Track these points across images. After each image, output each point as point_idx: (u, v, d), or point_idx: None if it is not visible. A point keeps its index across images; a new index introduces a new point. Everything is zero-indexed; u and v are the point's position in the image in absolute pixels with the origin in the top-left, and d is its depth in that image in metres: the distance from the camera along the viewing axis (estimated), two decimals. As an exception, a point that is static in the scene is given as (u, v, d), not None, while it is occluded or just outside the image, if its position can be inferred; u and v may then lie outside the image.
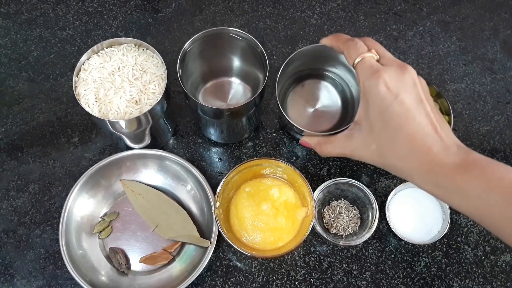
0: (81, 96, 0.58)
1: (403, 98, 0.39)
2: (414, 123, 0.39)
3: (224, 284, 0.62)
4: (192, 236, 0.62)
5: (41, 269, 0.62)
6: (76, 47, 0.75)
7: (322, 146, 0.50)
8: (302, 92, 0.68)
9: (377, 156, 0.43)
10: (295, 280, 0.62)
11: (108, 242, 0.63)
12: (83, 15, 0.78)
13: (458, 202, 0.39)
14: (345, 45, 0.45)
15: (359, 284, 0.62)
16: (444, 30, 0.78)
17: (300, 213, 0.60)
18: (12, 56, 0.75)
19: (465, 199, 0.38)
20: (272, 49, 0.75)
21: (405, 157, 0.40)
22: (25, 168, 0.68)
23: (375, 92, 0.40)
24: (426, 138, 0.39)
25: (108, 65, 0.59)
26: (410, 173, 0.41)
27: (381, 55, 0.43)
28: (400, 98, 0.39)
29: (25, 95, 0.72)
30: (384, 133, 0.41)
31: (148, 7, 0.79)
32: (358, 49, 0.43)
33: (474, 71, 0.75)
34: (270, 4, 0.79)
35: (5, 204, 0.66)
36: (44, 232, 0.64)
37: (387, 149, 0.41)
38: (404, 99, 0.39)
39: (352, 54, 0.43)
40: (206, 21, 0.78)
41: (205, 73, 0.68)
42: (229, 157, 0.69)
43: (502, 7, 0.80)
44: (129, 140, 0.64)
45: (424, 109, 0.40)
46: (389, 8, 0.79)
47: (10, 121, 0.70)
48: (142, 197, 0.64)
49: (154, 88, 0.59)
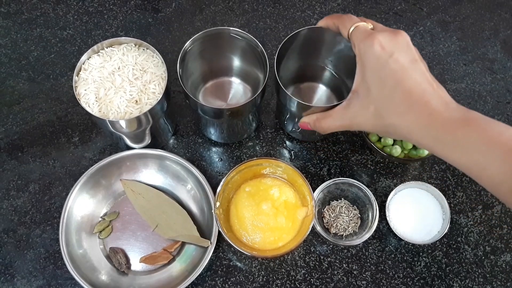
0: (81, 96, 0.58)
1: (397, 56, 0.40)
2: (411, 80, 0.40)
3: (224, 284, 0.62)
4: (192, 236, 0.62)
5: (41, 269, 0.62)
6: (76, 47, 0.75)
7: (321, 122, 0.50)
8: (298, 94, 0.68)
9: (375, 118, 0.44)
10: (295, 280, 0.62)
11: (108, 242, 0.63)
12: (84, 15, 0.78)
13: (457, 157, 0.39)
14: (339, 19, 0.47)
15: (359, 284, 0.62)
16: (444, 30, 0.78)
17: (300, 213, 0.60)
18: (13, 56, 0.75)
19: (465, 153, 0.39)
20: (272, 49, 0.75)
21: (404, 112, 0.41)
22: (26, 167, 0.68)
23: (370, 52, 0.41)
24: (424, 93, 0.40)
25: (108, 64, 0.59)
26: (409, 129, 0.41)
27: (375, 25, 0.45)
28: (395, 56, 0.40)
29: (26, 94, 0.72)
30: (382, 92, 0.42)
31: (149, 7, 0.79)
32: (352, 19, 0.45)
33: (474, 71, 0.75)
34: (270, 4, 0.79)
35: (5, 203, 0.66)
36: (44, 232, 0.64)
37: (386, 108, 0.42)
38: (399, 58, 0.40)
39: (346, 24, 0.45)
40: (206, 21, 0.78)
41: (205, 73, 0.68)
42: (229, 157, 0.69)
43: (502, 7, 0.80)
44: (129, 140, 0.64)
45: (419, 67, 0.41)
46: (389, 8, 0.79)
47: (10, 121, 0.70)
48: (142, 197, 0.64)
49: (154, 87, 0.59)
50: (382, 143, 0.63)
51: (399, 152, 0.62)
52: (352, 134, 0.70)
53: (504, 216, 0.66)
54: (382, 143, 0.63)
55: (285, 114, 0.64)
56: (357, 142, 0.70)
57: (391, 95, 0.41)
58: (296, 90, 0.69)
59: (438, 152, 0.41)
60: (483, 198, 0.67)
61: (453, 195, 0.67)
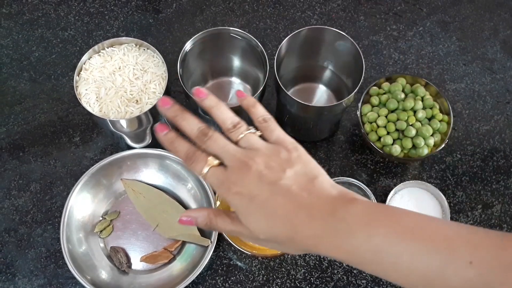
0: (82, 96, 0.58)
1: (254, 196, 0.36)
2: (277, 208, 0.36)
3: (224, 283, 0.62)
4: (192, 235, 0.62)
5: (42, 268, 0.63)
6: (77, 47, 0.76)
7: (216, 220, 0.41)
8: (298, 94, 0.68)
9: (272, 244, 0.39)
10: (295, 279, 0.62)
11: (109, 241, 0.64)
12: (85, 16, 0.78)
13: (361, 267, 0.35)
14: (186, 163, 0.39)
15: (359, 283, 0.62)
16: (444, 30, 0.78)
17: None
18: (14, 57, 0.75)
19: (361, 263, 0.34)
20: (273, 49, 0.76)
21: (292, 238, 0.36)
22: (27, 167, 0.68)
23: (231, 204, 0.37)
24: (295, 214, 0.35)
25: (109, 64, 0.60)
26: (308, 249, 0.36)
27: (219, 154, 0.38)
28: (252, 197, 0.36)
29: (27, 95, 0.72)
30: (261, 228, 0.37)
31: (149, 7, 0.79)
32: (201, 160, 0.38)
33: (474, 71, 0.75)
34: (271, 4, 0.79)
35: (6, 203, 0.66)
36: (46, 231, 0.64)
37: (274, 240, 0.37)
38: (256, 196, 0.36)
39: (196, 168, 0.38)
40: (207, 21, 0.78)
41: (206, 73, 0.68)
42: (230, 157, 0.69)
43: (502, 7, 0.80)
44: (130, 139, 0.64)
45: (278, 189, 0.36)
46: (389, 9, 0.80)
47: (12, 121, 0.71)
48: (143, 196, 0.65)
49: (154, 87, 0.59)
50: (382, 143, 0.63)
51: (398, 152, 0.62)
52: (352, 134, 0.70)
53: (504, 215, 0.66)
54: (382, 142, 0.63)
55: (285, 114, 0.65)
56: (357, 141, 0.70)
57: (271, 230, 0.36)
58: (296, 90, 0.70)
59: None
60: (483, 198, 0.67)
61: (453, 195, 0.67)
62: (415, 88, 0.64)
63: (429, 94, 0.65)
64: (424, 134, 0.61)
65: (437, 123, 0.62)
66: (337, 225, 0.34)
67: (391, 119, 0.63)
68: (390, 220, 0.33)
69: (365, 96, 0.65)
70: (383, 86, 0.65)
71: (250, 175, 0.36)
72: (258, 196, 0.36)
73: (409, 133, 0.61)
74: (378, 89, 0.65)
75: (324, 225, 0.34)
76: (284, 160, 0.37)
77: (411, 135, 0.61)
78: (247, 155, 0.37)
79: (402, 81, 0.65)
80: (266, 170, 0.36)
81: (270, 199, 0.36)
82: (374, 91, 0.65)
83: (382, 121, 0.63)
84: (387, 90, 0.65)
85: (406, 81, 0.66)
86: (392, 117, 0.63)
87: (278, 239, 0.37)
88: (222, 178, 0.37)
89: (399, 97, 0.63)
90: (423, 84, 0.65)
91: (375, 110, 0.64)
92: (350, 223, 0.34)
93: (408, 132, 0.61)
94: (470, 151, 0.70)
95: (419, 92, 0.64)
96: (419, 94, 0.64)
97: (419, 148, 0.62)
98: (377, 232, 0.33)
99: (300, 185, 0.36)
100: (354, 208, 0.34)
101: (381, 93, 0.65)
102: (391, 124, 0.62)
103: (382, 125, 0.63)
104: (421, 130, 0.61)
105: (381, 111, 0.63)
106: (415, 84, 0.65)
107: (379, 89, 0.65)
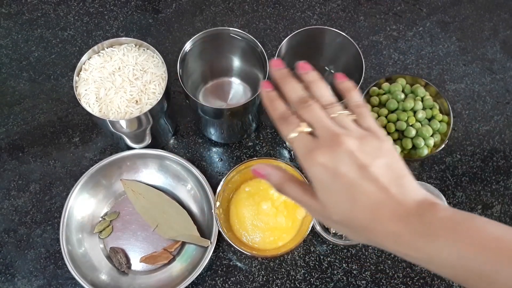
0: (82, 96, 0.58)
1: (342, 171, 0.35)
2: (362, 195, 0.35)
3: (224, 284, 0.62)
4: (192, 236, 0.62)
5: (41, 269, 0.63)
6: (77, 48, 0.76)
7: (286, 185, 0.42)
8: None
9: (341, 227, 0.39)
10: (295, 280, 0.62)
11: (108, 242, 0.63)
12: (84, 16, 0.78)
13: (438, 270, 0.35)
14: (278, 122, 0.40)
15: (359, 283, 0.62)
16: (444, 30, 0.78)
17: (300, 212, 0.60)
18: (13, 57, 0.75)
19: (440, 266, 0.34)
20: (272, 49, 0.75)
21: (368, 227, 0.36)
22: (26, 168, 0.68)
23: (312, 173, 0.37)
24: (378, 207, 0.35)
25: (109, 65, 0.60)
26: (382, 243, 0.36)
27: (313, 123, 0.38)
28: (339, 172, 0.36)
29: (26, 95, 0.72)
30: (338, 208, 0.37)
31: (149, 7, 0.79)
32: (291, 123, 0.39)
33: (473, 71, 0.75)
34: (270, 4, 0.79)
35: (6, 203, 0.66)
36: (45, 232, 0.64)
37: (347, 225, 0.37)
38: (344, 172, 0.35)
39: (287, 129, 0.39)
40: (207, 21, 0.78)
41: (206, 73, 0.68)
42: (229, 157, 0.69)
43: (502, 7, 0.80)
44: (129, 140, 0.64)
45: (368, 175, 0.36)
46: (389, 9, 0.80)
47: (11, 121, 0.70)
48: (143, 197, 0.64)
49: (154, 88, 0.59)
50: (382, 143, 0.63)
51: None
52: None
53: (504, 216, 0.66)
54: (382, 143, 0.63)
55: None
56: (357, 142, 0.70)
57: (349, 213, 0.36)
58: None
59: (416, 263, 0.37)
60: (483, 198, 0.67)
61: (453, 195, 0.67)
62: (415, 88, 0.64)
63: (429, 94, 0.65)
64: (424, 135, 0.61)
65: (437, 124, 0.62)
66: (422, 227, 0.34)
67: (391, 119, 0.63)
68: (475, 228, 0.33)
69: (365, 96, 0.65)
70: (383, 87, 0.65)
71: (341, 151, 0.36)
72: (345, 175, 0.36)
73: (409, 134, 0.61)
74: (378, 89, 0.65)
75: (409, 226, 0.34)
76: (375, 148, 0.37)
77: (411, 135, 0.61)
78: (341, 131, 0.37)
79: (402, 81, 0.65)
80: (358, 152, 0.36)
81: (358, 182, 0.35)
82: (374, 91, 0.65)
83: (382, 122, 0.63)
84: (387, 91, 0.65)
85: (406, 81, 0.66)
86: (392, 118, 0.63)
87: (352, 224, 0.37)
88: (310, 145, 0.37)
89: (399, 97, 0.63)
90: (423, 85, 0.65)
91: (375, 110, 0.64)
92: (435, 227, 0.34)
93: (408, 133, 0.61)
94: (470, 151, 0.70)
95: (419, 93, 0.64)
96: (419, 94, 0.64)
97: (419, 149, 0.62)
98: (461, 239, 0.33)
99: (389, 178, 0.36)
100: (441, 213, 0.34)
101: (381, 93, 0.65)
102: (391, 124, 0.62)
103: (382, 126, 0.63)
104: (421, 131, 0.61)
105: (381, 111, 0.63)
106: (415, 84, 0.65)
107: (379, 89, 0.65)
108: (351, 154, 0.36)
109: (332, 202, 0.37)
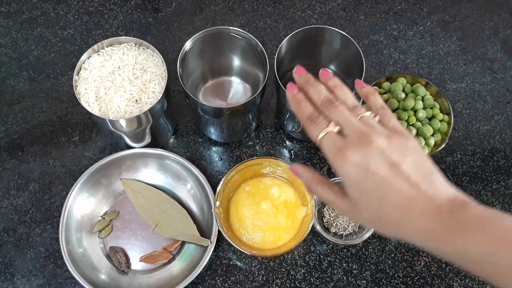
0: (82, 95, 0.58)
1: (373, 169, 0.36)
2: (394, 193, 0.36)
3: (224, 283, 0.62)
4: (192, 235, 0.62)
5: (41, 268, 0.62)
6: (76, 46, 0.75)
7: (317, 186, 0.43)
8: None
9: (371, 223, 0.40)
10: (295, 279, 0.62)
11: (108, 241, 0.63)
12: (84, 15, 0.78)
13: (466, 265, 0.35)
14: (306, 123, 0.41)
15: (359, 283, 0.62)
16: (444, 30, 0.78)
17: (300, 212, 0.60)
18: (13, 55, 0.75)
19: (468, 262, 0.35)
20: (273, 48, 0.75)
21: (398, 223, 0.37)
22: (26, 167, 0.68)
23: (343, 172, 0.38)
24: (410, 204, 0.36)
25: (109, 64, 0.59)
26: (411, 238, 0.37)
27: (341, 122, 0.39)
28: (371, 169, 0.36)
29: (26, 94, 0.72)
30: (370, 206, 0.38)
31: (149, 6, 0.79)
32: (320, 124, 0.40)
33: (474, 70, 0.75)
34: (271, 3, 0.79)
35: (5, 203, 0.66)
36: (44, 231, 0.64)
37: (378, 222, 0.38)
38: (375, 170, 0.36)
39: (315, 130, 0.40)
40: (207, 20, 0.78)
41: (205, 72, 0.68)
42: (229, 156, 0.69)
43: (502, 7, 0.80)
44: (129, 139, 0.64)
45: (399, 172, 0.36)
46: (389, 8, 0.79)
47: (10, 120, 0.70)
48: (142, 196, 0.64)
49: (154, 87, 0.59)
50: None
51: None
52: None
53: (504, 215, 0.65)
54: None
55: (285, 114, 0.64)
56: (357, 141, 0.70)
57: (380, 211, 0.37)
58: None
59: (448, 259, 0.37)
60: (483, 198, 0.67)
61: (453, 195, 0.67)
62: (416, 87, 0.64)
63: (429, 94, 0.64)
64: (425, 134, 0.61)
65: (437, 123, 0.62)
66: (453, 224, 0.35)
67: (392, 119, 0.62)
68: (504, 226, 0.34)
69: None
70: (384, 86, 0.65)
71: (372, 149, 0.37)
72: (377, 173, 0.36)
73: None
74: (379, 88, 0.65)
75: (441, 222, 0.35)
76: (403, 147, 0.37)
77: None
78: (370, 130, 0.38)
79: (402, 80, 0.65)
80: (388, 150, 0.37)
81: (390, 180, 0.36)
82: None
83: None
84: (387, 90, 0.65)
85: (407, 80, 0.65)
86: (392, 117, 0.62)
87: (383, 221, 0.37)
88: (339, 144, 0.38)
89: (400, 96, 0.63)
90: (423, 84, 0.65)
91: (375, 110, 0.64)
92: (466, 224, 0.34)
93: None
94: (470, 151, 0.70)
95: (420, 92, 0.64)
96: (419, 93, 0.64)
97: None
98: (491, 236, 0.33)
99: (420, 176, 0.37)
100: (472, 210, 0.35)
101: (381, 92, 0.65)
102: (391, 124, 0.62)
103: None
104: (421, 130, 0.61)
105: (381, 111, 0.63)
106: (416, 83, 0.65)
107: (380, 88, 0.65)
108: (381, 152, 0.37)
109: (363, 200, 0.38)
